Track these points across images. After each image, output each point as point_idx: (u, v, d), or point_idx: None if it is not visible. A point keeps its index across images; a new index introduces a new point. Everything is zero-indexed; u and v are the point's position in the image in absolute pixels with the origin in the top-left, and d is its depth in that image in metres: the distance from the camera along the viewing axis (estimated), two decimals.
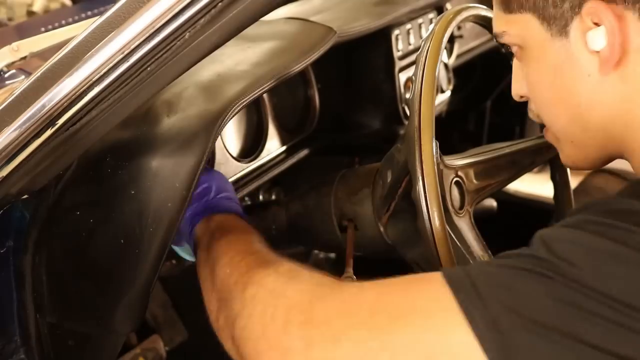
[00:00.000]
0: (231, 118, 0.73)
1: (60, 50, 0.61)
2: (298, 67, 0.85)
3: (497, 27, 0.64)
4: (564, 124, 0.64)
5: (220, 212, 0.77)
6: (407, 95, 1.15)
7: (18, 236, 0.74)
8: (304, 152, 1.06)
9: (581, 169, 0.72)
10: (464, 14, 0.77)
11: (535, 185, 1.82)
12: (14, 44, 0.94)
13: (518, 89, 0.67)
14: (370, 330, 0.52)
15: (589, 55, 0.57)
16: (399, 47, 1.14)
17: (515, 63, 0.67)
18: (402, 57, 1.15)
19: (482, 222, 0.79)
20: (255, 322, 0.58)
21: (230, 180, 0.94)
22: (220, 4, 0.56)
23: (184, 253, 0.82)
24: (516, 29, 0.62)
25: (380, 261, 0.75)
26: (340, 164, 1.26)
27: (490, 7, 0.82)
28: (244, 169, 0.97)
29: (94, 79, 0.58)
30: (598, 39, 0.56)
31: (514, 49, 0.64)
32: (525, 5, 0.59)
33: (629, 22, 0.55)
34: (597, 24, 0.55)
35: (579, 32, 0.57)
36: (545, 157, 0.89)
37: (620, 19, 0.55)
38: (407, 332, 0.50)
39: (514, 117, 1.74)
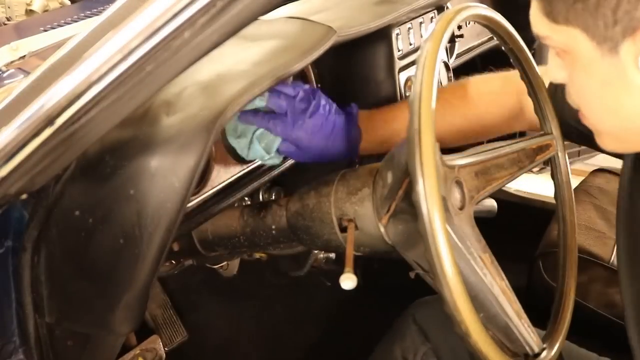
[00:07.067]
0: (231, 118, 0.73)
1: (59, 50, 0.60)
2: (298, 67, 0.84)
3: (538, 30, 0.62)
4: (610, 127, 0.64)
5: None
6: (408, 95, 1.15)
7: (17, 236, 0.74)
8: None
9: (619, 152, 0.74)
10: (465, 14, 0.77)
11: (535, 185, 1.82)
12: (13, 43, 0.94)
13: (556, 76, 0.66)
14: None
15: None
16: (399, 46, 1.14)
17: (552, 53, 0.65)
18: (402, 57, 1.15)
19: (482, 222, 0.79)
20: None
21: (230, 180, 0.94)
22: (219, 3, 0.56)
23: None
24: (562, 38, 0.60)
25: (381, 261, 0.75)
26: (340, 164, 1.26)
27: (490, 6, 0.82)
28: (244, 169, 0.96)
29: (93, 79, 0.58)
30: None
31: (556, 48, 0.63)
32: (573, 21, 0.58)
33: None
34: None
35: (631, 54, 0.56)
36: (545, 156, 0.88)
37: None
38: None
39: None
